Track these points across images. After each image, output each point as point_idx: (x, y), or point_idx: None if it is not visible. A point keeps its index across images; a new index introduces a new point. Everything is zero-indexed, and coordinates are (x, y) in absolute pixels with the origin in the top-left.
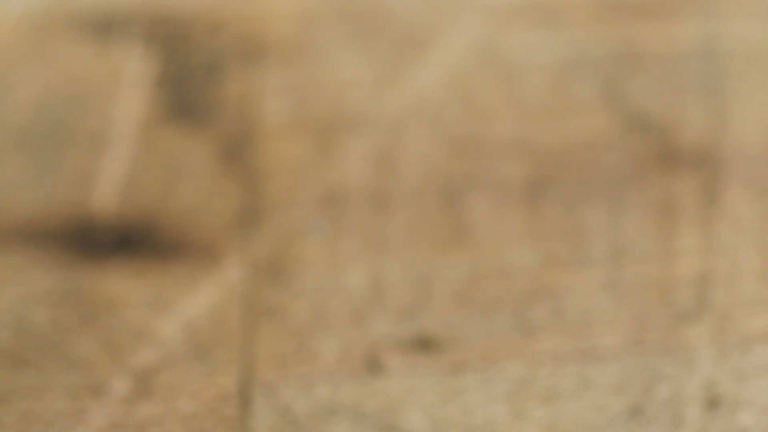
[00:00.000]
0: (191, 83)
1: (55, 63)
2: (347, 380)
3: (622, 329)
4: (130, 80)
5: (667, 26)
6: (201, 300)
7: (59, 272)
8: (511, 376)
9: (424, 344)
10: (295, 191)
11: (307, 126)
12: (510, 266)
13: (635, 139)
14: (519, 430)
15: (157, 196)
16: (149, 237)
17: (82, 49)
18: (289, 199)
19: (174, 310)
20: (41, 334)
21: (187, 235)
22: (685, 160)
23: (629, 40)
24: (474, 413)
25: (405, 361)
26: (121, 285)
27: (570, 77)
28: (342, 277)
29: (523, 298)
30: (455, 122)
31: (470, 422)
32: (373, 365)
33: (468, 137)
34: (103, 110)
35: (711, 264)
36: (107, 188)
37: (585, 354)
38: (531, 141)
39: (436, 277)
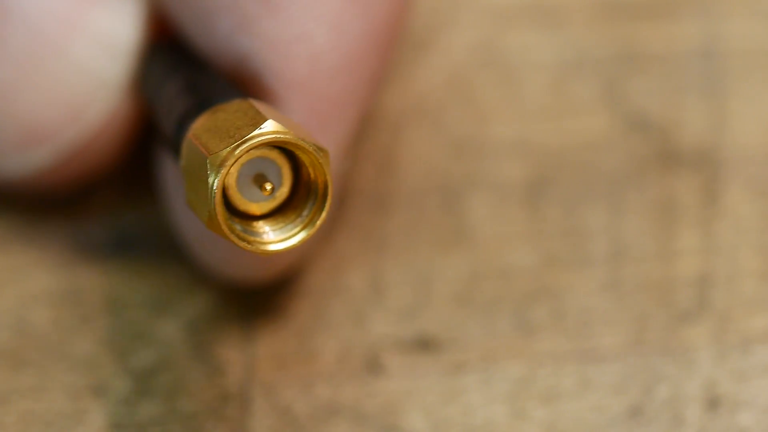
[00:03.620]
0: None
1: None
2: (347, 380)
3: (622, 329)
4: None
5: (667, 26)
6: (201, 300)
7: (59, 272)
8: (511, 376)
9: (424, 344)
10: None
11: None
12: (510, 266)
13: (635, 139)
14: (519, 430)
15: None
16: (149, 237)
17: None
18: None
19: (174, 310)
20: (41, 334)
21: None
22: (685, 160)
23: (629, 40)
24: (474, 413)
25: (405, 361)
26: (121, 285)
27: (570, 77)
28: (342, 277)
29: (523, 298)
30: (455, 122)
31: (470, 422)
32: (373, 365)
33: (468, 137)
34: None
35: (711, 264)
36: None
37: (585, 354)
38: (531, 141)
39: (436, 277)
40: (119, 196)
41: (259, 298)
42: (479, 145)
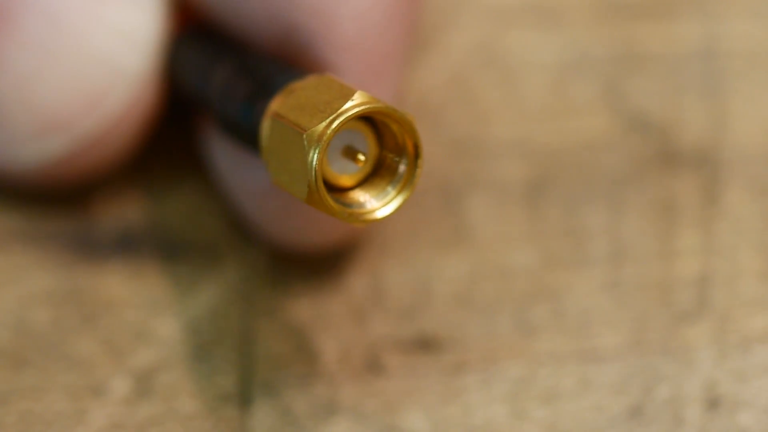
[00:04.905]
0: None
1: None
2: (347, 380)
3: (622, 329)
4: None
5: (667, 26)
6: (201, 300)
7: (59, 272)
8: (511, 376)
9: (424, 344)
10: None
11: None
12: (510, 266)
13: (635, 139)
14: (519, 430)
15: (158, 195)
16: (149, 237)
17: None
18: None
19: (174, 310)
20: (41, 334)
21: (188, 235)
22: (685, 160)
23: (629, 40)
24: (474, 413)
25: (405, 361)
26: (121, 285)
27: (570, 77)
28: (342, 277)
29: (523, 298)
30: (455, 122)
31: (470, 422)
32: (373, 365)
33: (468, 137)
34: None
35: (711, 264)
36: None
37: (585, 354)
38: (531, 141)
39: (436, 277)
40: (120, 196)
41: (259, 298)
42: (479, 145)
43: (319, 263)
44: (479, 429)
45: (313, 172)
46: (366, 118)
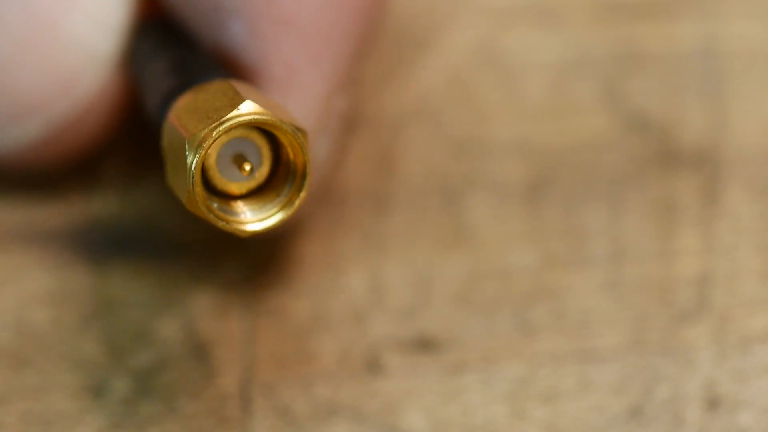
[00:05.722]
0: None
1: None
2: (347, 380)
3: (622, 329)
4: None
5: (667, 26)
6: (201, 300)
7: (59, 272)
8: (511, 376)
9: (424, 344)
10: None
11: None
12: (510, 266)
13: (635, 139)
14: (519, 430)
15: (157, 195)
16: (149, 237)
17: None
18: None
19: (174, 310)
20: (41, 334)
21: (187, 235)
22: (685, 160)
23: (629, 40)
24: (474, 413)
25: (405, 361)
26: (121, 285)
27: (570, 77)
28: (342, 277)
29: (523, 298)
30: (455, 122)
31: (470, 422)
32: (373, 365)
33: (468, 137)
34: None
35: (711, 264)
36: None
37: (585, 354)
38: (531, 141)
39: (436, 277)
40: (119, 195)
41: (259, 298)
42: (479, 145)
43: (319, 263)
44: (479, 429)
45: (191, 177)
46: (266, 131)
